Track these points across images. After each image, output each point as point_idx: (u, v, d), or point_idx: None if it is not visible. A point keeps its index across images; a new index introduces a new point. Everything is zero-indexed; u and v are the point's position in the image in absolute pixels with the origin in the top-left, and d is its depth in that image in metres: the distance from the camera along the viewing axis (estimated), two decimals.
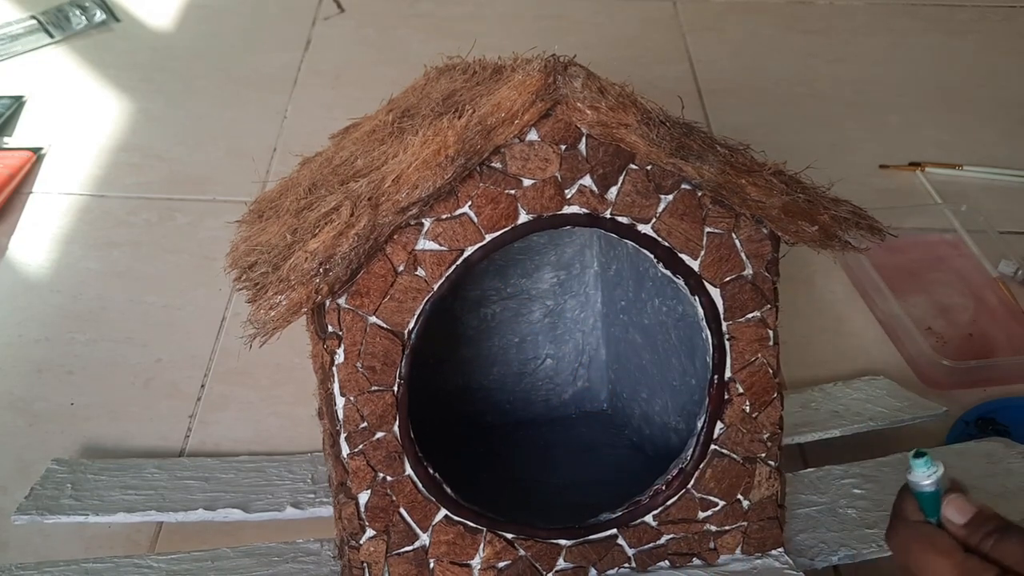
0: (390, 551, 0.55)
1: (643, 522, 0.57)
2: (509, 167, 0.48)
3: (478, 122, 0.46)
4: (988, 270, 0.89)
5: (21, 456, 0.71)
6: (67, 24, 1.21)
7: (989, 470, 0.67)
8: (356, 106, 0.71)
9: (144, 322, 0.83)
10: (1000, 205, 0.97)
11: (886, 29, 1.29)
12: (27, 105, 1.10)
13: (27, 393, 0.76)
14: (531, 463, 0.69)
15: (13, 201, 0.96)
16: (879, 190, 1.00)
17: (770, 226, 0.51)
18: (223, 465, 0.68)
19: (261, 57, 1.20)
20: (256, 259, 0.51)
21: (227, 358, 0.80)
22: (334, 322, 0.49)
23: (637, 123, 0.47)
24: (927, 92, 1.16)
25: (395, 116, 0.58)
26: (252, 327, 0.46)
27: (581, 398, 0.74)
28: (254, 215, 0.61)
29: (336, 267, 0.46)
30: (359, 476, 0.53)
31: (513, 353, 0.73)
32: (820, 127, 1.09)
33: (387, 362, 0.50)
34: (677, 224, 0.51)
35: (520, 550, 0.56)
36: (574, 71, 0.46)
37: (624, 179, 0.50)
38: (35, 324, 0.82)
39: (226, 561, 0.60)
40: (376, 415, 0.51)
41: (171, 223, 0.94)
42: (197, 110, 1.10)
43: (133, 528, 0.65)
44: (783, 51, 1.24)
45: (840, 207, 0.50)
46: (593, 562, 0.58)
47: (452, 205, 0.48)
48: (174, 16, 1.28)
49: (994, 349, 0.82)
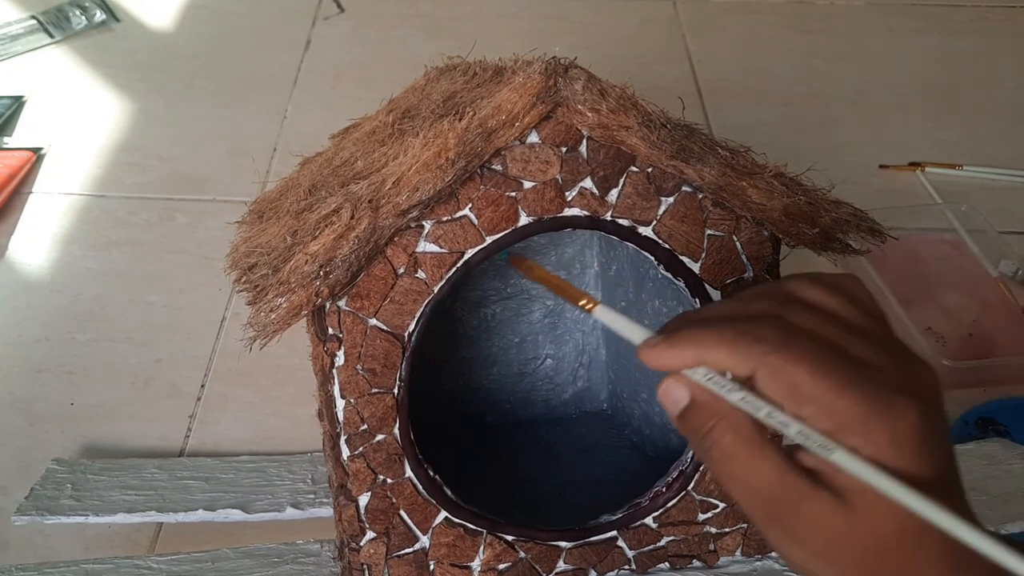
0: (390, 553, 0.55)
1: (643, 524, 0.57)
2: (510, 169, 0.48)
3: (479, 124, 0.46)
4: (988, 270, 0.89)
5: (21, 456, 0.71)
6: (67, 24, 1.21)
7: (989, 471, 0.67)
8: (356, 106, 0.71)
9: (144, 322, 0.83)
10: (1000, 205, 0.97)
11: (886, 29, 1.29)
12: (27, 105, 1.10)
13: (27, 393, 0.76)
14: (531, 463, 0.69)
15: (13, 201, 0.96)
16: (879, 190, 1.00)
17: (771, 229, 0.51)
18: (223, 465, 0.68)
19: (261, 57, 1.20)
20: (256, 261, 0.51)
21: (227, 358, 0.80)
22: (334, 324, 0.49)
23: (638, 125, 0.47)
24: (927, 92, 1.16)
25: (395, 117, 0.58)
26: (252, 330, 0.46)
27: (581, 398, 0.74)
28: (254, 216, 0.61)
29: (336, 270, 0.46)
30: (359, 478, 0.53)
31: (513, 353, 0.73)
32: (820, 127, 1.09)
33: (387, 364, 0.50)
34: (678, 226, 0.51)
35: (520, 552, 0.56)
36: (575, 73, 0.46)
37: (625, 181, 0.50)
38: (35, 324, 0.82)
39: (226, 562, 0.60)
40: (376, 417, 0.51)
41: (171, 223, 0.94)
42: (197, 110, 1.10)
43: (133, 528, 0.65)
44: (783, 51, 1.24)
45: (841, 209, 0.50)
46: (593, 564, 0.58)
47: (453, 207, 0.48)
48: (174, 16, 1.28)
49: (994, 349, 0.82)
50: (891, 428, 0.32)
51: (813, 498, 0.34)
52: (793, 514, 0.34)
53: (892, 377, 0.33)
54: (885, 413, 0.32)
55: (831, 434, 0.33)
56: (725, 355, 0.34)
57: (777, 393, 0.34)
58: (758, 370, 0.34)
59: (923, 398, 0.33)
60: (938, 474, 0.33)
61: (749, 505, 0.35)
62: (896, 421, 0.32)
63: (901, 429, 0.32)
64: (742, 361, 0.34)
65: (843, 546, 0.33)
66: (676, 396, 0.36)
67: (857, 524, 0.33)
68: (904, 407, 0.32)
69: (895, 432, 0.32)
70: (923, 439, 0.33)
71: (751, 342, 0.34)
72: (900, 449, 0.32)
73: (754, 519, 0.35)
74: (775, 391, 0.34)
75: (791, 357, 0.33)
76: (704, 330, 0.35)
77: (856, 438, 0.32)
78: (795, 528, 0.34)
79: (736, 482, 0.35)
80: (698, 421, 0.36)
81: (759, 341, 0.34)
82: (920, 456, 0.33)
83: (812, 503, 0.34)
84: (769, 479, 0.34)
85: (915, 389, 0.33)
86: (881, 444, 0.32)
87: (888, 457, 0.32)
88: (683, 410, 0.36)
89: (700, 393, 0.36)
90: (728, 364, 0.35)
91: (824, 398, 0.33)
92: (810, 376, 0.33)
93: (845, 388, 0.32)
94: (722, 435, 0.35)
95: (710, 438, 0.35)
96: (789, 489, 0.34)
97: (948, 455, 0.34)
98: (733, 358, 0.34)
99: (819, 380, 0.33)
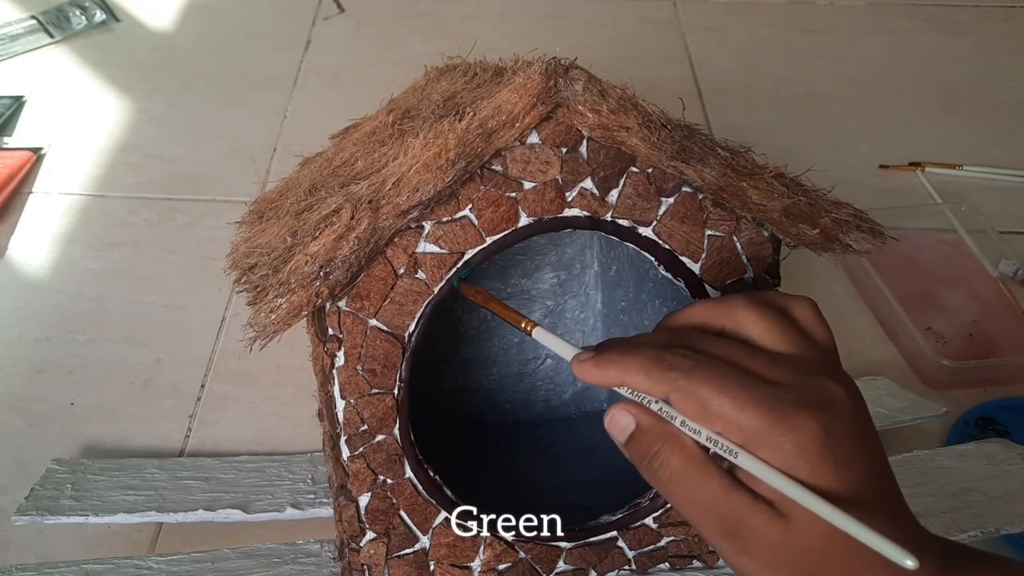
0: (390, 553, 0.55)
1: (643, 524, 0.57)
2: (510, 170, 0.48)
3: (479, 125, 0.46)
4: (988, 270, 0.89)
5: (21, 456, 0.71)
6: (67, 24, 1.21)
7: (989, 472, 0.67)
8: (356, 106, 0.71)
9: (144, 322, 0.83)
10: (1000, 205, 0.97)
11: (886, 29, 1.29)
12: (27, 105, 1.10)
13: (27, 393, 0.76)
14: (531, 463, 0.69)
15: (13, 201, 0.96)
16: (879, 190, 1.00)
17: (771, 229, 0.51)
18: (223, 465, 0.68)
19: (261, 57, 1.20)
20: (256, 261, 0.51)
21: (227, 358, 0.80)
22: (334, 325, 0.49)
23: (638, 126, 0.46)
24: (927, 92, 1.16)
25: (395, 117, 0.58)
26: (252, 330, 0.46)
27: (581, 398, 0.74)
28: (254, 215, 0.61)
29: (336, 270, 0.46)
30: (359, 479, 0.53)
31: (513, 353, 0.73)
32: (820, 127, 1.09)
33: (387, 365, 0.50)
34: (678, 227, 0.51)
35: (520, 552, 0.56)
36: (575, 74, 0.46)
37: (625, 182, 0.50)
38: (35, 324, 0.82)
39: (226, 562, 0.60)
40: (376, 418, 0.51)
41: (171, 223, 0.94)
42: (197, 110, 1.10)
43: (133, 528, 0.65)
44: (783, 51, 1.24)
45: (841, 210, 0.50)
46: (593, 564, 0.58)
47: (453, 208, 0.48)
48: (174, 16, 1.28)
49: (994, 349, 0.82)
50: (792, 440, 0.35)
51: (754, 511, 0.36)
52: (739, 526, 0.37)
53: (796, 394, 0.36)
54: (784, 425, 0.35)
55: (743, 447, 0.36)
56: (643, 378, 0.38)
57: (689, 413, 0.37)
58: (670, 393, 0.38)
59: (829, 413, 0.36)
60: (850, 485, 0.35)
61: (700, 521, 0.38)
62: (796, 433, 0.35)
63: (803, 441, 0.35)
64: (656, 384, 0.38)
65: (784, 554, 0.36)
66: (623, 424, 0.40)
67: (793, 533, 0.36)
68: (803, 420, 0.35)
69: (797, 444, 0.35)
70: (826, 451, 0.35)
71: (664, 369, 0.38)
72: (804, 459, 0.35)
73: (705, 534, 0.38)
74: (687, 411, 0.37)
75: (697, 380, 0.37)
76: (626, 354, 0.39)
77: (763, 449, 0.36)
78: (742, 539, 0.37)
79: (686, 500, 0.38)
80: (645, 444, 0.39)
81: (671, 368, 0.38)
82: (823, 466, 0.35)
83: (753, 516, 0.36)
84: (716, 495, 0.37)
85: (820, 404, 0.36)
86: (786, 454, 0.35)
87: (794, 467, 0.35)
88: (630, 436, 0.40)
89: (644, 419, 0.39)
90: (645, 387, 0.38)
91: (729, 414, 0.36)
92: (715, 395, 0.36)
93: (747, 404, 0.36)
94: (669, 456, 0.38)
95: (659, 459, 0.39)
96: (733, 503, 0.37)
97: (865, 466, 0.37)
98: (649, 381, 0.38)
99: (723, 398, 0.36)
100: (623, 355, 0.39)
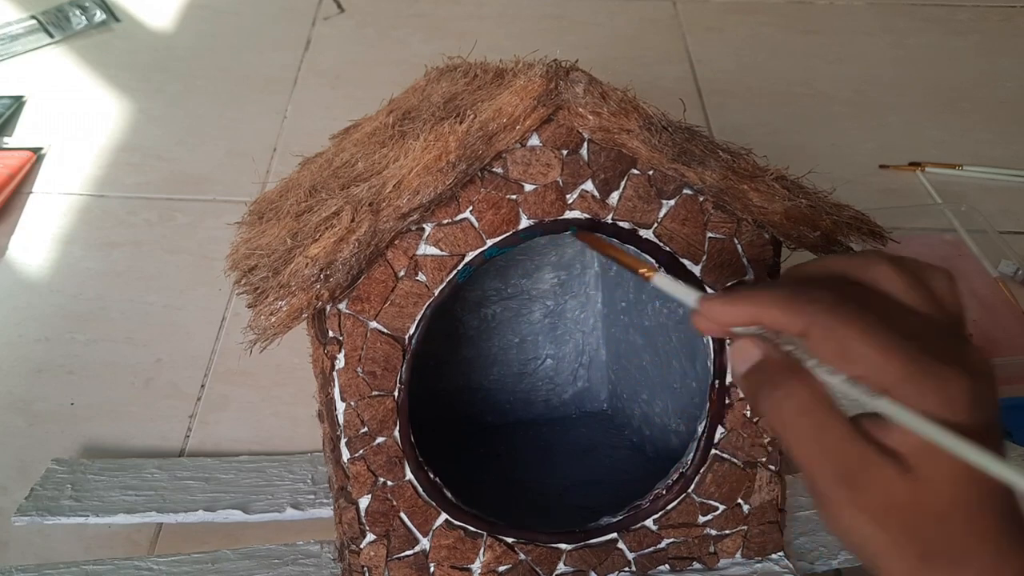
0: (390, 555, 0.55)
1: (643, 526, 0.57)
2: (511, 172, 0.48)
3: (479, 127, 0.46)
4: (988, 270, 0.89)
5: (21, 456, 0.71)
6: (67, 24, 1.21)
7: None
8: (356, 106, 0.71)
9: (144, 322, 0.83)
10: (1000, 205, 0.97)
11: (886, 29, 1.29)
12: (27, 105, 1.10)
13: (27, 393, 0.76)
14: (531, 463, 0.69)
15: (13, 201, 0.96)
16: (879, 190, 1.00)
17: (772, 231, 0.51)
18: (223, 465, 0.68)
19: (261, 57, 1.20)
20: (256, 263, 0.51)
21: (227, 358, 0.80)
22: (335, 327, 0.49)
23: (639, 128, 0.47)
24: (927, 92, 1.16)
25: (396, 118, 0.58)
26: (252, 333, 0.46)
27: (581, 398, 0.74)
28: (254, 216, 0.61)
29: (337, 273, 0.46)
30: (360, 481, 0.53)
31: (513, 353, 0.73)
32: (820, 127, 1.09)
33: (388, 367, 0.50)
34: (679, 229, 0.51)
35: (521, 554, 0.56)
36: (576, 76, 0.46)
37: (626, 184, 0.50)
38: (35, 324, 0.82)
39: (226, 563, 0.60)
40: (377, 420, 0.51)
41: (171, 223, 0.94)
42: (197, 110, 1.10)
43: (133, 529, 0.65)
44: (783, 51, 1.24)
45: (842, 212, 0.50)
46: (594, 566, 0.58)
47: (453, 210, 0.48)
48: (174, 16, 1.28)
49: (994, 349, 0.82)
50: (942, 390, 0.33)
51: (879, 464, 0.34)
52: (860, 475, 0.34)
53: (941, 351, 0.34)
54: (932, 377, 0.33)
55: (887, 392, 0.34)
56: (779, 313, 0.36)
57: (828, 352, 0.34)
58: (810, 328, 0.35)
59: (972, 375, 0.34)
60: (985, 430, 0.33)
61: (816, 463, 0.35)
62: (945, 385, 0.33)
63: (953, 394, 0.33)
64: (795, 319, 0.35)
65: (901, 511, 0.34)
66: (748, 353, 0.37)
67: (919, 491, 0.34)
68: (952, 375, 0.33)
69: (947, 396, 0.33)
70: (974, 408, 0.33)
71: (805, 302, 0.35)
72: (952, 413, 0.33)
73: (816, 478, 0.35)
74: (825, 350, 0.34)
75: (842, 318, 0.34)
76: (761, 290, 0.37)
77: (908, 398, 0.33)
78: (859, 490, 0.34)
79: (806, 439, 0.36)
80: (772, 372, 0.36)
81: (812, 301, 0.35)
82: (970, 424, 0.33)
83: (880, 468, 0.34)
84: (842, 438, 0.35)
85: (965, 364, 0.34)
86: (932, 405, 0.33)
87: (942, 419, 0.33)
88: (753, 366, 0.37)
89: (773, 352, 0.37)
90: (782, 322, 0.36)
91: (874, 358, 0.33)
92: (860, 336, 0.33)
93: (892, 350, 0.33)
94: (800, 389, 0.35)
95: (786, 389, 0.36)
96: (859, 451, 0.34)
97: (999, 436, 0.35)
98: (786, 316, 0.35)
99: (869, 341, 0.33)
100: (757, 290, 0.37)
